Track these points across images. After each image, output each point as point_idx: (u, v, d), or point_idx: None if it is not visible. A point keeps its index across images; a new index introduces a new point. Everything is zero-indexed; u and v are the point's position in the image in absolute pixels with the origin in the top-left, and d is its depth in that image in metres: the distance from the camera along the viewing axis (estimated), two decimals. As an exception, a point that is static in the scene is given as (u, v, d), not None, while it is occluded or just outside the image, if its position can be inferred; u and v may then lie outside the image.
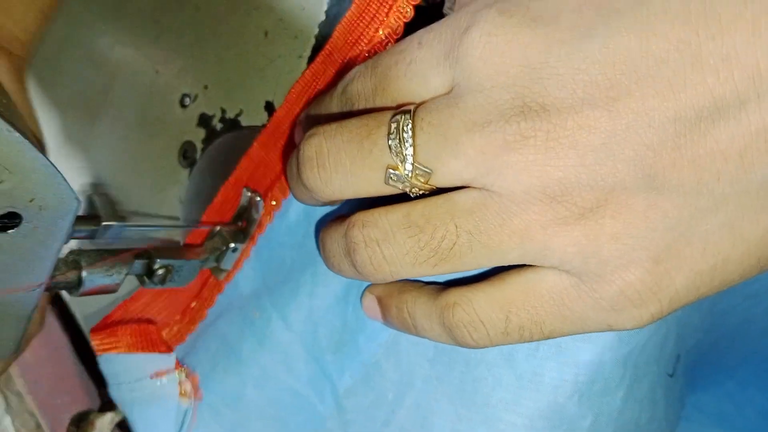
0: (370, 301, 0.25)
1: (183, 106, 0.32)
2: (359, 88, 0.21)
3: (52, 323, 0.37)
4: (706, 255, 0.18)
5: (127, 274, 0.26)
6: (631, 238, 0.18)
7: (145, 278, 0.27)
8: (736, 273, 0.19)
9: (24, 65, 0.31)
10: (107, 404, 0.35)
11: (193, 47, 0.31)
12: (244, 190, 0.29)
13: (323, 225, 0.24)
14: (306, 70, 0.26)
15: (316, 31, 0.27)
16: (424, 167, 0.19)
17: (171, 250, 0.27)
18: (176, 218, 0.31)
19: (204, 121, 0.31)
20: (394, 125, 0.19)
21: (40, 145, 0.23)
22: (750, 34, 0.16)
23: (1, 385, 0.42)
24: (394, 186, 0.20)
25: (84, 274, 0.25)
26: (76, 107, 0.35)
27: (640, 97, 0.17)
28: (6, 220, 0.20)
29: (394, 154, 0.19)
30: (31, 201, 0.20)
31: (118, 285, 0.26)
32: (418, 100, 0.20)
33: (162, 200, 0.32)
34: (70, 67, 0.35)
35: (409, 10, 0.23)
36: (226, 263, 0.29)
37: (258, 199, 0.28)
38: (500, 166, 0.18)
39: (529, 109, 0.18)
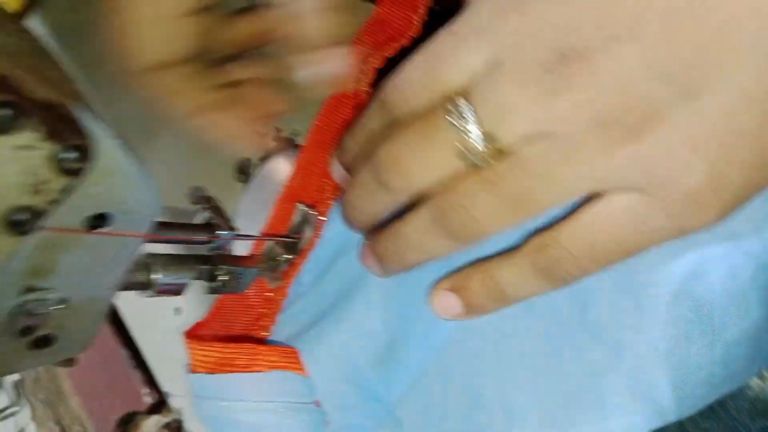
0: (444, 295, 0.26)
1: (241, 124, 0.34)
2: (399, 94, 0.23)
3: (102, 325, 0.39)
4: (754, 148, 0.20)
5: (192, 279, 0.28)
6: (681, 145, 0.19)
7: (208, 283, 0.28)
8: None
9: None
10: (154, 406, 0.37)
11: (253, 70, 0.34)
12: (298, 204, 0.31)
13: (376, 234, 0.26)
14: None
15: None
16: (492, 135, 0.21)
17: (232, 257, 0.29)
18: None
19: (261, 139, 0.33)
20: (450, 106, 0.21)
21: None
22: None
23: (27, 393, 0.43)
24: (468, 160, 0.22)
25: (154, 276, 0.26)
26: (136, 122, 0.37)
27: (660, 25, 0.19)
28: (96, 221, 0.22)
29: (463, 135, 0.21)
30: (121, 204, 0.22)
31: (184, 288, 0.28)
32: (462, 84, 0.22)
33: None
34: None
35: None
36: (280, 272, 0.31)
37: (312, 212, 0.30)
38: (554, 111, 0.20)
39: (565, 57, 0.20)
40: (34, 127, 0.16)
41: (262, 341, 0.31)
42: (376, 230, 0.26)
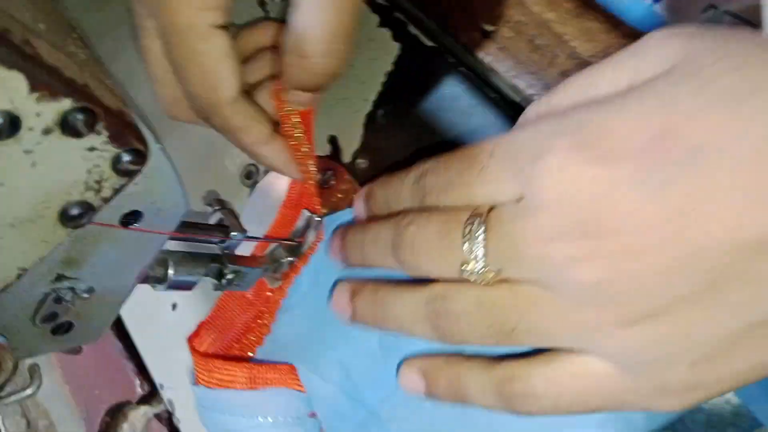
0: (412, 374, 0.27)
1: (249, 132, 0.35)
2: (433, 182, 0.25)
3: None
4: (736, 363, 0.21)
5: (203, 276, 0.29)
6: (679, 342, 0.21)
7: (216, 280, 0.30)
8: (759, 374, 0.21)
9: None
10: (144, 398, 0.38)
11: (263, 81, 0.35)
12: (304, 211, 0.33)
13: (378, 290, 0.28)
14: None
15: (383, 79, 0.31)
16: (494, 267, 0.23)
17: (239, 258, 0.31)
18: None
19: (268, 147, 0.35)
20: (468, 228, 0.23)
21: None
22: None
23: None
24: (467, 277, 0.24)
25: (170, 271, 0.28)
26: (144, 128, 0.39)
27: (702, 226, 0.19)
28: (129, 218, 0.23)
29: (468, 253, 0.23)
30: (152, 202, 0.23)
31: (195, 284, 0.29)
32: (485, 202, 0.24)
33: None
34: (144, 86, 0.39)
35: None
36: (281, 273, 0.33)
37: (317, 218, 0.32)
38: (566, 277, 0.21)
39: (589, 232, 0.20)
40: (103, 131, 0.18)
41: (261, 345, 0.32)
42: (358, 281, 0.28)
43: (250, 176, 0.35)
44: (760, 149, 0.19)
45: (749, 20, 0.50)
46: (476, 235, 0.23)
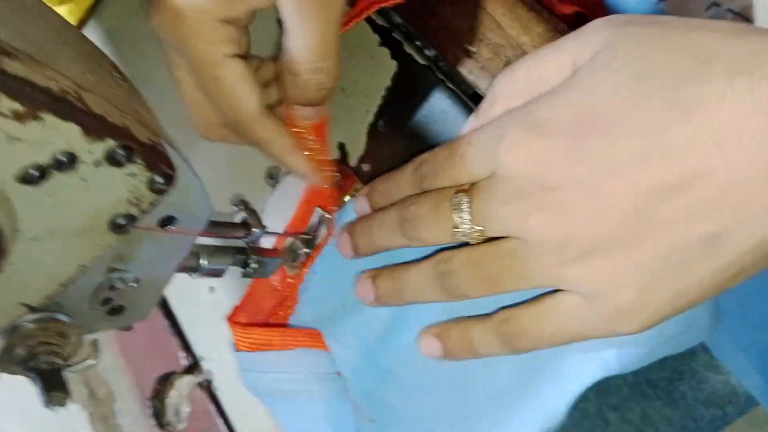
0: (429, 339, 0.33)
1: (271, 137, 0.40)
2: (426, 170, 0.31)
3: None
4: (672, 285, 0.26)
5: (230, 265, 0.35)
6: (617, 273, 0.26)
7: (242, 269, 0.35)
8: (696, 296, 0.26)
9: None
10: (189, 368, 0.44)
11: (283, 93, 0.40)
12: (316, 209, 0.38)
13: (397, 267, 0.33)
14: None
15: (383, 93, 0.36)
16: (478, 227, 0.29)
17: (261, 249, 0.36)
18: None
19: (288, 151, 0.40)
20: (456, 200, 0.29)
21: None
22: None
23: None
24: (459, 239, 0.29)
25: (202, 262, 0.33)
26: (174, 132, 0.44)
27: (614, 181, 0.25)
28: (166, 222, 0.29)
29: (458, 219, 0.29)
30: (184, 208, 0.29)
31: (223, 272, 0.35)
32: (467, 180, 0.29)
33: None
34: (173, 93, 0.44)
35: None
36: (299, 262, 0.38)
37: (328, 216, 0.37)
38: (527, 226, 0.27)
39: (541, 189, 0.27)
40: (139, 161, 0.23)
41: (288, 323, 0.38)
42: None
43: (273, 177, 0.40)
44: (652, 119, 0.24)
45: (748, 18, 0.53)
46: (461, 204, 0.29)
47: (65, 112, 0.21)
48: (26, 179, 0.21)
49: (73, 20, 0.52)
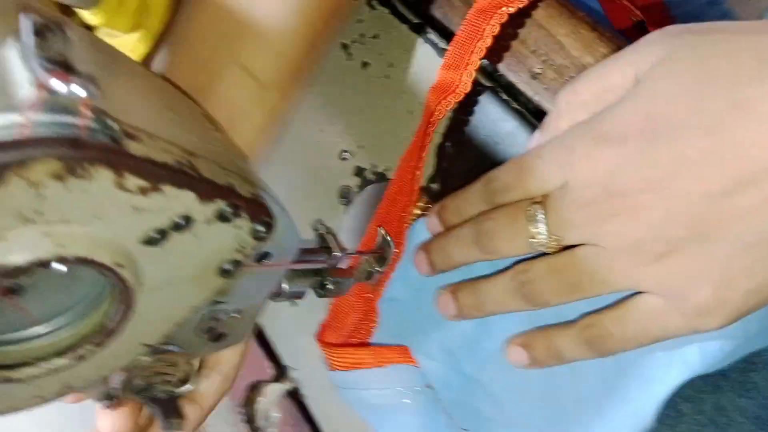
0: (517, 350, 0.34)
1: (342, 159, 0.43)
2: (497, 185, 0.32)
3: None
4: (749, 280, 0.27)
5: (309, 287, 0.37)
6: (695, 271, 0.27)
7: (319, 290, 0.38)
8: None
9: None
10: (277, 377, 0.47)
11: (351, 115, 0.42)
12: (379, 229, 0.39)
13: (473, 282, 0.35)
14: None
15: (450, 115, 0.37)
16: (555, 236, 0.30)
17: (336, 270, 0.38)
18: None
19: (359, 171, 0.42)
20: (530, 212, 0.30)
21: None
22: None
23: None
24: (536, 249, 0.31)
25: (283, 286, 0.36)
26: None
27: (684, 181, 0.26)
28: (262, 257, 0.31)
29: (534, 230, 0.30)
30: (278, 245, 0.31)
31: (304, 294, 0.37)
32: (539, 192, 0.30)
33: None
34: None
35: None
36: (375, 279, 0.40)
37: (388, 238, 0.39)
38: (603, 232, 0.28)
39: (614, 195, 0.28)
40: (244, 215, 0.25)
41: (371, 339, 0.40)
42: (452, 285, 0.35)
43: (345, 196, 0.42)
44: (717, 119, 0.25)
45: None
46: (537, 215, 0.30)
47: (181, 182, 0.23)
48: (149, 241, 0.24)
49: (144, 48, 0.54)
